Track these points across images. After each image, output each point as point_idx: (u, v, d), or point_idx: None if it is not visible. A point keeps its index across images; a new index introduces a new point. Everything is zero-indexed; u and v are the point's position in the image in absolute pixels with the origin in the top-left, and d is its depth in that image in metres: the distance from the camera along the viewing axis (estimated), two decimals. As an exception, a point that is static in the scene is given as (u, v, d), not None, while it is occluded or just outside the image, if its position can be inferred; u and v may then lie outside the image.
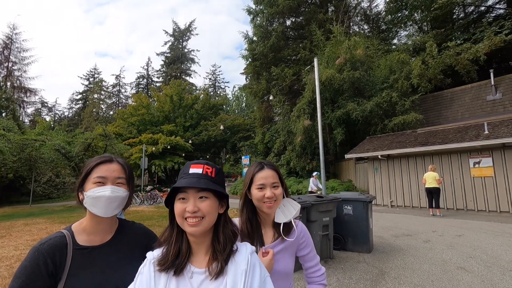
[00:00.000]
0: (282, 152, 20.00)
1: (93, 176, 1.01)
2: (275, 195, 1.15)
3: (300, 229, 1.25)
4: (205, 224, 0.86)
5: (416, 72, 13.69)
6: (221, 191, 0.90)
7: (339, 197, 5.08)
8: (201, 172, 0.91)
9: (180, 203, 0.87)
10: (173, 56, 49.25)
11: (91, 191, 0.98)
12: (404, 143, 11.45)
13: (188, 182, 0.87)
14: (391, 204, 11.64)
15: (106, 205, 0.99)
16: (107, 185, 1.00)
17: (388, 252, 5.02)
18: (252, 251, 0.93)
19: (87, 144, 17.45)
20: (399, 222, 8.02)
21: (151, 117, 30.60)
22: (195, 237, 0.89)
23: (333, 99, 16.50)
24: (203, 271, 0.86)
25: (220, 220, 0.93)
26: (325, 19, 20.18)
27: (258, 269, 0.89)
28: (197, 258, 0.90)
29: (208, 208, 0.86)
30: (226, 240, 0.90)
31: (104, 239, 1.05)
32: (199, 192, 0.87)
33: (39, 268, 0.90)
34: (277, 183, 1.18)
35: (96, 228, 1.04)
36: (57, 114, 53.34)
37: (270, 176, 1.17)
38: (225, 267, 0.86)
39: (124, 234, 1.11)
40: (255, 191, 1.16)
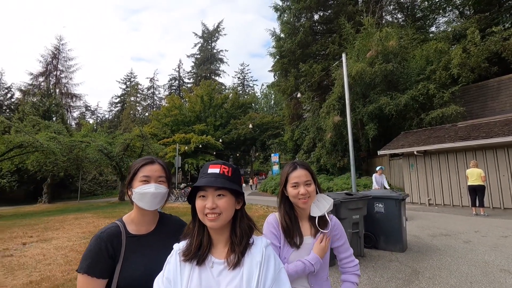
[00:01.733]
0: (311, 149, 19.76)
1: (139, 175, 1.18)
2: (308, 192, 1.28)
3: (334, 222, 1.38)
4: (222, 219, 0.95)
5: (457, 62, 12.74)
6: (237, 189, 1.00)
7: (369, 194, 4.98)
8: (218, 172, 1.00)
9: (201, 200, 0.97)
10: (203, 57, 50.56)
11: (138, 188, 1.15)
12: (442, 138, 10.77)
13: (207, 182, 0.97)
14: (429, 203, 11.04)
15: (151, 200, 1.16)
16: (151, 183, 1.17)
17: (424, 252, 4.83)
18: (267, 244, 1.01)
19: (126, 144, 18.64)
20: (437, 222, 7.61)
21: (183, 117, 31.80)
22: (214, 230, 0.99)
23: (364, 94, 15.93)
24: (222, 261, 0.95)
25: (237, 215, 1.02)
26: (355, 11, 19.49)
27: (273, 261, 0.97)
28: (217, 249, 0.99)
29: (225, 205, 0.95)
30: (243, 234, 0.99)
31: (148, 229, 1.22)
32: (216, 190, 0.96)
33: (102, 252, 1.08)
34: (310, 181, 1.30)
35: (142, 219, 1.22)
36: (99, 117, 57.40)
37: (303, 175, 1.31)
38: (242, 259, 0.94)
39: (164, 225, 1.28)
40: (290, 189, 1.31)
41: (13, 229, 8.81)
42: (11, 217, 12.88)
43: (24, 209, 18.02)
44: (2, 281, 4.14)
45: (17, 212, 15.60)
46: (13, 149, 14.97)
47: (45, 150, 15.14)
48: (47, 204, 20.94)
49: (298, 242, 1.29)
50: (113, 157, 18.43)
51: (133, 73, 58.13)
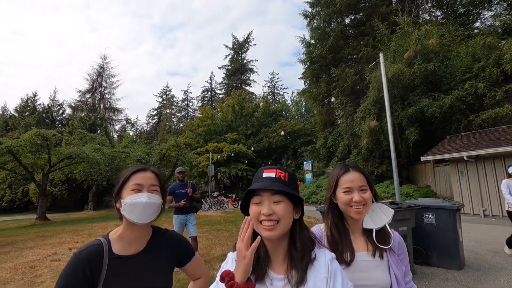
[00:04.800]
0: (346, 156, 18.99)
1: (130, 184, 1.04)
2: (364, 199, 1.07)
3: (398, 240, 1.14)
4: (280, 228, 0.85)
5: (510, 57, 11.50)
6: (296, 194, 0.89)
7: (417, 204, 4.52)
8: (274, 175, 0.91)
9: (255, 206, 0.88)
10: (234, 68, 51.74)
11: (128, 198, 1.01)
12: (498, 141, 9.68)
13: (263, 185, 0.88)
14: (484, 213, 9.90)
15: (143, 212, 1.01)
16: (143, 191, 1.03)
17: (486, 271, 4.23)
18: (332, 258, 0.88)
19: (162, 154, 19.44)
20: (496, 235, 6.74)
21: (216, 127, 32.55)
22: (271, 242, 0.89)
23: (402, 96, 15.02)
24: (282, 277, 0.86)
25: (296, 226, 0.91)
26: (389, 11, 18.68)
27: (340, 277, 0.84)
28: (275, 264, 0.90)
29: (283, 211, 0.86)
30: (303, 247, 0.88)
31: (138, 249, 1.07)
32: (273, 196, 0.87)
33: (77, 274, 0.93)
34: (365, 187, 1.10)
35: (132, 236, 1.06)
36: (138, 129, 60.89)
37: (357, 179, 1.10)
38: (305, 276, 0.83)
39: (157, 242, 1.12)
40: (341, 194, 1.10)
41: (61, 234, 9.44)
42: (61, 223, 13.89)
43: (72, 215, 19.42)
44: (50, 285, 4.34)
45: (66, 219, 16.82)
46: (63, 160, 16.28)
47: (91, 161, 16.26)
48: (92, 211, 22.38)
49: (349, 259, 1.05)
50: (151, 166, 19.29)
51: (168, 87, 61.29)
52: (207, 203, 17.95)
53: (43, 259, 5.95)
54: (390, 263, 1.07)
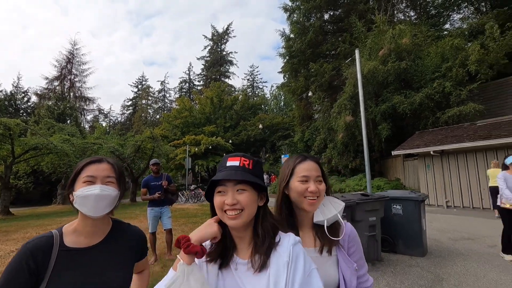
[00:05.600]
0: (323, 150, 19.44)
1: (82, 176, 1.00)
2: (318, 190, 1.02)
3: (350, 231, 1.08)
4: (244, 217, 0.86)
5: (474, 58, 12.25)
6: (259, 183, 0.89)
7: (386, 195, 4.75)
8: (238, 164, 0.90)
9: (219, 196, 0.88)
10: (212, 60, 50.87)
11: (80, 190, 0.97)
12: (461, 137, 10.34)
13: (226, 175, 0.87)
14: (447, 205, 10.60)
15: (95, 204, 0.97)
16: (96, 184, 0.99)
17: (445, 257, 4.55)
18: (295, 242, 0.87)
19: (137, 146, 18.82)
20: (457, 225, 7.26)
21: (194, 119, 32.00)
22: (236, 230, 0.90)
23: (376, 93, 15.56)
24: (246, 262, 0.87)
25: (259, 213, 0.91)
26: (366, 9, 19.14)
27: (302, 261, 0.83)
28: (240, 250, 0.91)
29: (246, 200, 0.85)
30: (265, 233, 0.88)
31: (92, 242, 1.03)
32: (237, 185, 0.86)
33: (22, 266, 0.90)
34: (321, 177, 1.05)
35: (86, 229, 1.03)
36: (112, 119, 58.45)
37: (314, 168, 1.05)
38: (268, 260, 0.84)
39: (117, 237, 1.09)
40: (296, 183, 1.04)
41: (27, 229, 8.93)
42: (26, 218, 13.12)
43: (39, 210, 18.40)
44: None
45: (32, 213, 15.91)
46: (28, 151, 15.29)
47: (59, 152, 15.40)
48: (61, 205, 21.32)
49: None
50: (125, 158, 18.61)
51: (144, 77, 59.04)
52: (184, 196, 17.72)
53: (6, 255, 5.62)
54: (338, 259, 1.03)
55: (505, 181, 4.35)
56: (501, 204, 4.47)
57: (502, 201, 4.42)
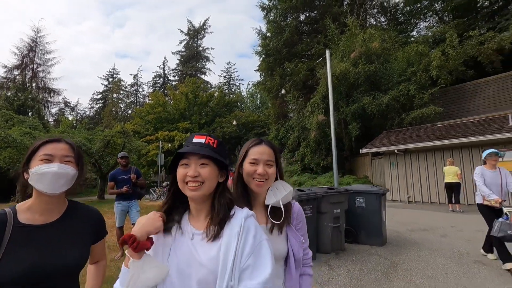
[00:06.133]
0: (296, 148, 19.88)
1: (39, 154, 1.00)
2: (267, 173, 1.08)
3: (297, 211, 1.20)
4: (204, 189, 0.92)
5: (436, 64, 13.17)
6: (221, 159, 0.95)
7: (350, 189, 5.02)
8: (203, 142, 0.97)
9: (183, 168, 0.93)
10: (188, 55, 49.85)
11: (36, 168, 0.97)
12: (422, 137, 11.09)
13: (191, 149, 0.93)
14: (409, 200, 11.33)
15: (53, 181, 0.97)
16: (54, 162, 0.99)
17: (402, 246, 4.91)
18: (248, 216, 0.94)
19: (107, 141, 18.03)
20: (416, 217, 7.81)
21: (167, 115, 31.22)
22: (195, 202, 0.96)
23: (348, 93, 16.19)
24: (201, 232, 0.93)
25: (218, 189, 0.97)
26: (340, 12, 19.78)
27: (253, 232, 0.90)
28: (197, 221, 0.97)
29: (207, 174, 0.91)
30: (221, 207, 0.94)
31: (48, 219, 1.03)
32: (200, 159, 0.93)
33: None
34: (272, 162, 1.11)
35: (41, 207, 1.02)
36: (79, 113, 55.38)
37: (265, 152, 1.11)
38: (221, 231, 0.90)
39: (73, 216, 1.10)
40: (247, 165, 1.10)
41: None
42: (-21, 216, 12.15)
43: (-5, 208, 17.08)
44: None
45: (-13, 211, 14.75)
46: (-17, 145, 14.15)
47: (19, 146, 14.40)
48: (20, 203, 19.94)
49: None
50: (93, 154, 17.76)
51: (116, 69, 56.47)
52: (155, 193, 17.33)
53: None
54: (288, 235, 1.13)
55: (482, 177, 4.00)
56: (483, 202, 4.02)
57: (485, 198, 3.98)
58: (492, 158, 4.11)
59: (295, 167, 19.80)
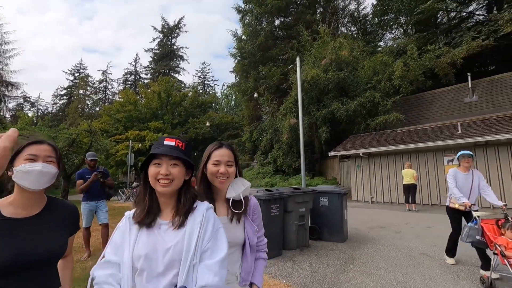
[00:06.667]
0: (269, 150, 20.26)
1: (24, 154, 1.08)
2: (228, 172, 1.27)
3: (253, 204, 1.40)
4: (173, 186, 1.07)
5: (398, 74, 14.18)
6: (189, 161, 1.13)
7: (315, 189, 5.36)
8: (174, 144, 1.12)
9: (155, 167, 1.07)
10: (162, 53, 48.66)
11: (21, 166, 1.05)
12: (384, 142, 11.90)
13: (164, 151, 1.08)
14: (371, 200, 12.09)
15: (37, 179, 1.07)
16: (38, 162, 1.09)
17: (361, 242, 5.33)
18: (209, 208, 1.14)
19: (72, 139, 17.14)
20: (376, 216, 8.40)
21: (138, 114, 30.27)
22: (164, 196, 1.10)
23: (318, 98, 16.86)
24: (167, 222, 1.08)
25: (184, 185, 1.14)
26: (313, 20, 20.54)
27: (212, 221, 1.10)
28: (164, 213, 1.11)
29: (177, 173, 1.07)
30: (186, 200, 1.11)
31: (31, 213, 1.12)
32: (171, 160, 1.08)
33: None
34: (232, 162, 1.30)
35: (23, 202, 1.11)
36: (40, 109, 51.87)
37: (226, 154, 1.30)
38: (186, 220, 1.07)
39: (52, 209, 1.20)
40: (211, 166, 1.28)
41: None
42: None
43: None
44: None
45: None
46: None
47: (-29, 143, 13.28)
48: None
49: None
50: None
51: (83, 64, 53.62)
52: (124, 194, 16.79)
53: None
54: (245, 225, 1.33)
55: (454, 179, 3.86)
56: (449, 204, 3.96)
57: (451, 200, 3.91)
58: (465, 160, 3.91)
59: (267, 168, 20.16)
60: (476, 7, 19.38)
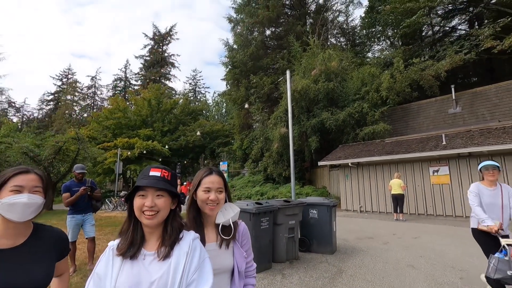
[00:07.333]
0: (259, 158, 20.30)
1: (9, 185, 1.08)
2: (218, 198, 1.28)
3: (242, 229, 1.40)
4: (159, 217, 1.06)
5: (385, 85, 14.57)
6: (175, 191, 1.12)
7: (305, 201, 5.41)
8: (159, 175, 1.11)
9: (140, 199, 1.06)
10: (153, 60, 48.55)
11: (7, 198, 1.05)
12: (372, 152, 12.12)
13: (149, 183, 1.07)
14: (360, 210, 12.23)
15: (22, 211, 1.06)
16: (23, 193, 1.08)
17: (349, 253, 5.38)
18: (195, 238, 1.14)
19: (58, 147, 16.77)
20: (364, 226, 8.50)
21: (128, 121, 29.92)
22: (150, 227, 1.08)
23: (308, 108, 17.10)
24: (153, 253, 1.05)
25: (170, 215, 1.13)
26: (303, 31, 20.97)
27: (198, 251, 1.10)
28: (149, 244, 1.09)
29: (163, 204, 1.06)
30: (173, 230, 1.10)
31: (16, 243, 1.11)
32: (157, 191, 1.07)
33: None
34: (222, 189, 1.31)
35: (8, 232, 1.10)
36: (26, 115, 50.69)
37: (216, 181, 1.30)
38: (171, 251, 1.05)
39: (38, 238, 1.18)
40: (201, 193, 1.29)
41: None
42: None
43: None
44: None
45: None
46: None
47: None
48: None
49: None
50: (41, 161, 16.40)
51: (71, 69, 52.95)
52: (111, 203, 16.44)
53: None
54: (234, 250, 1.32)
55: (477, 196, 3.15)
56: (476, 226, 3.17)
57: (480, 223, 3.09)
58: (489, 172, 3.18)
59: (258, 177, 20.16)
60: (458, 22, 20.28)
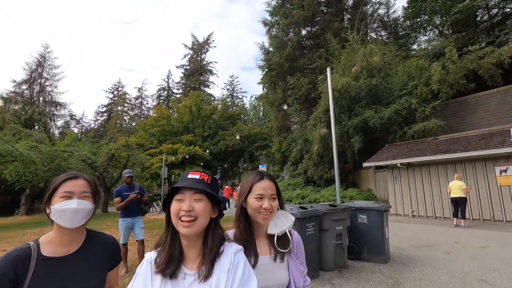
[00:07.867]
0: (299, 161, 19.89)
1: (60, 192, 1.08)
2: (272, 206, 1.15)
3: (296, 239, 1.26)
4: (198, 225, 0.94)
5: (436, 78, 13.31)
6: (215, 195, 1.00)
7: (352, 206, 5.05)
8: (198, 177, 1.01)
9: (177, 203, 0.95)
10: (192, 68, 50.77)
11: (57, 205, 1.06)
12: (424, 151, 11.09)
13: (186, 184, 0.97)
14: (412, 214, 11.23)
15: (72, 217, 1.06)
16: (73, 199, 1.08)
17: (406, 263, 4.88)
18: (237, 251, 1.00)
19: (111, 154, 18.26)
20: (419, 233, 7.74)
21: (171, 128, 31.58)
22: (187, 239, 0.97)
23: (350, 107, 16.32)
24: (193, 273, 0.94)
25: (211, 225, 1.00)
26: (341, 27, 20.20)
27: (242, 267, 0.95)
28: (189, 260, 0.98)
29: (201, 209, 0.94)
30: (214, 244, 0.98)
31: (69, 250, 1.11)
32: (195, 194, 0.96)
33: (3, 277, 0.96)
34: (275, 196, 1.18)
35: (62, 239, 1.11)
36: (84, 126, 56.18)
37: (269, 187, 1.17)
38: (212, 270, 0.93)
39: (91, 245, 1.18)
40: (253, 200, 1.16)
41: (-15, 242, 8.35)
42: (-16, 230, 12.21)
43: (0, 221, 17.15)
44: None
45: (-8, 225, 14.82)
46: (-10, 158, 14.38)
47: (25, 160, 14.62)
48: (24, 216, 20.02)
49: (253, 262, 1.10)
50: (97, 167, 17.97)
51: (121, 83, 57.65)
52: (159, 206, 17.34)
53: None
54: (289, 264, 1.19)
55: None
56: None
57: None
58: None
59: (298, 180, 19.76)
60: (522, 2, 17.84)
